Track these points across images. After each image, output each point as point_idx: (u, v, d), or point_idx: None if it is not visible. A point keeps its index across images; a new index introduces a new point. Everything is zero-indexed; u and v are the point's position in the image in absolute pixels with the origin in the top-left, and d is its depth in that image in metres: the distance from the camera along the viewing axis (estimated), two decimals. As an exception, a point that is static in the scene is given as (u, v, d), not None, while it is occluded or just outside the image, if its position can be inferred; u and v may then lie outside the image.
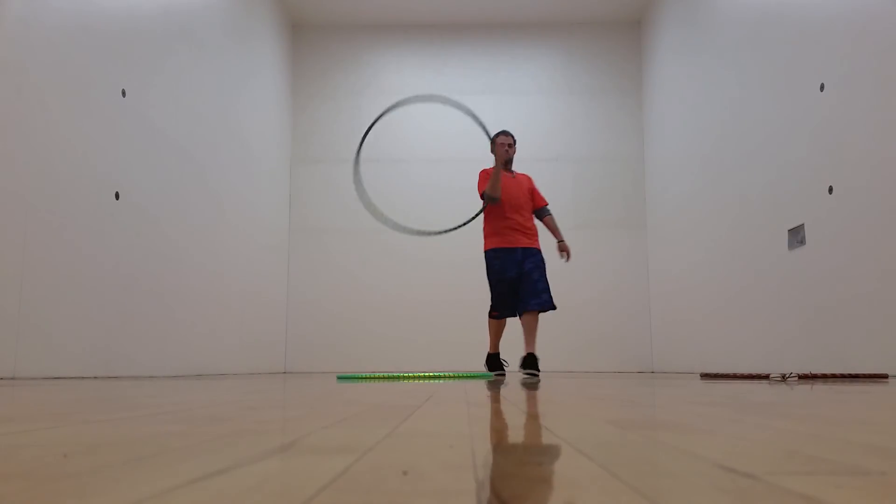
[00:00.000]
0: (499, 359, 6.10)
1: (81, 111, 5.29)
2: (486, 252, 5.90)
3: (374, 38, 11.51)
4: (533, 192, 6.11)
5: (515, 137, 11.44)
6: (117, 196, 5.78)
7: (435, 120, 11.31)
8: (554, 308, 5.63)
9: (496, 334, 6.05)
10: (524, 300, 5.68)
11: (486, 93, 11.37)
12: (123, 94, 5.88)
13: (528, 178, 6.17)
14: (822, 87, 5.94)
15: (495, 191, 5.74)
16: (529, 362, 5.50)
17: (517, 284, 5.77)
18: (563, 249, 5.95)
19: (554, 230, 6.00)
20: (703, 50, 8.71)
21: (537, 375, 5.47)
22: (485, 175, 5.94)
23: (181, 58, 7.06)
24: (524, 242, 5.83)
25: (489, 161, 11.15)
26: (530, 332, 5.61)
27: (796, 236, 6.37)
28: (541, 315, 5.87)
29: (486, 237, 5.93)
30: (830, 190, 5.80)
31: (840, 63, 5.68)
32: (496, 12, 11.23)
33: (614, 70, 11.37)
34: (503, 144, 5.86)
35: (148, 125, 6.32)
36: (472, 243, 10.85)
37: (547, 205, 6.15)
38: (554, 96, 11.33)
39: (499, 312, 5.89)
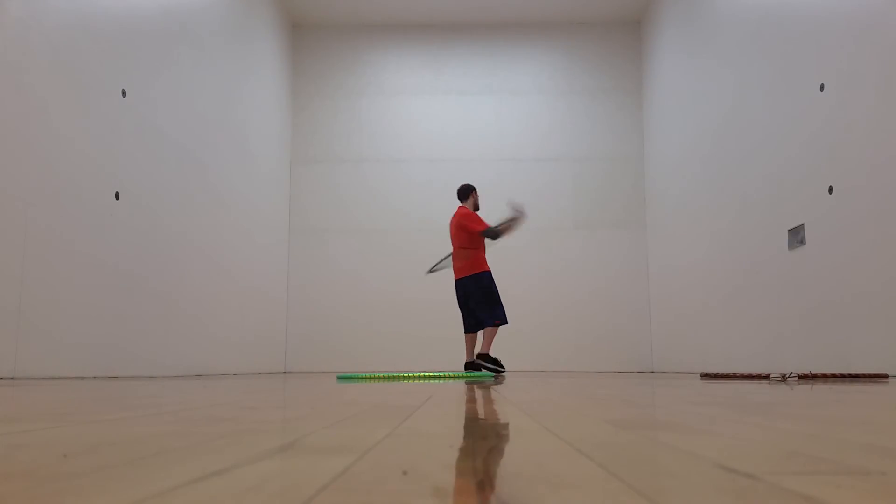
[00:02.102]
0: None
1: (81, 111, 5.29)
2: (486, 272, 6.80)
3: (374, 38, 11.51)
4: None
5: (516, 138, 11.57)
6: (117, 196, 5.78)
7: (435, 120, 11.31)
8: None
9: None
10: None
11: (485, 93, 11.37)
12: (124, 94, 5.88)
13: None
14: (821, 87, 5.94)
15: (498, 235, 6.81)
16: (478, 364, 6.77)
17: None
18: None
19: None
20: (702, 50, 8.72)
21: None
22: (478, 217, 6.88)
23: (181, 57, 7.06)
24: None
25: (488, 161, 11.15)
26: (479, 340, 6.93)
27: (796, 236, 6.37)
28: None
29: (482, 261, 6.83)
30: (830, 190, 5.80)
31: (840, 63, 5.68)
32: (496, 12, 11.24)
33: (614, 70, 11.37)
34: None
35: (148, 125, 6.32)
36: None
37: None
38: (554, 96, 11.33)
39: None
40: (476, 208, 7.09)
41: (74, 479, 0.65)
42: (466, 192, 7.07)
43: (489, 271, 6.82)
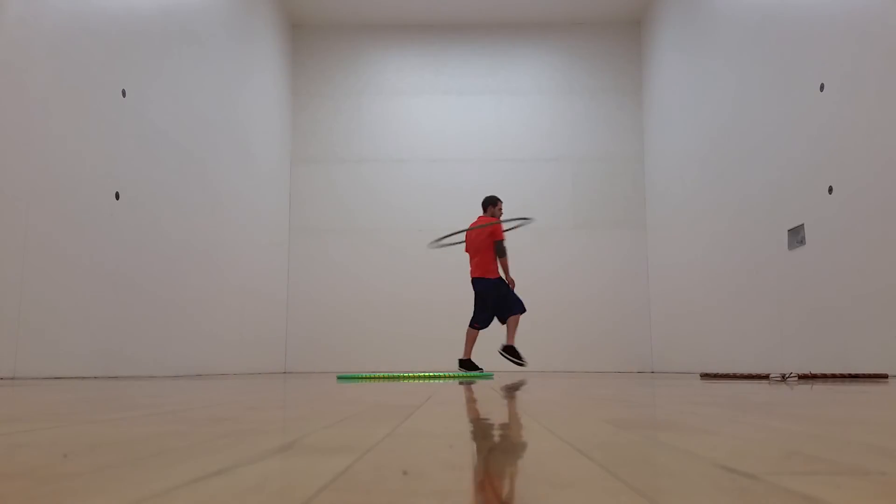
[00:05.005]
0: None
1: (81, 111, 5.29)
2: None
3: (374, 37, 11.51)
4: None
5: (516, 138, 11.59)
6: (117, 196, 5.78)
7: (435, 120, 11.31)
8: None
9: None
10: None
11: (486, 93, 11.37)
12: (123, 94, 5.88)
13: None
14: (822, 87, 5.94)
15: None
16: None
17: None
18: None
19: None
20: (703, 50, 8.72)
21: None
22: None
23: (181, 58, 7.06)
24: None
25: (488, 161, 11.16)
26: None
27: (796, 236, 6.38)
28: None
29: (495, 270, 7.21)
30: (830, 190, 5.81)
31: (840, 63, 5.68)
32: (496, 12, 11.24)
33: (614, 70, 11.37)
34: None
35: (148, 125, 6.32)
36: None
37: None
38: (554, 96, 11.34)
39: None
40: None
41: (74, 479, 0.65)
42: (491, 203, 7.36)
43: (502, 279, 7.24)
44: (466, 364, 7.20)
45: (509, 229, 7.58)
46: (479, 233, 7.16)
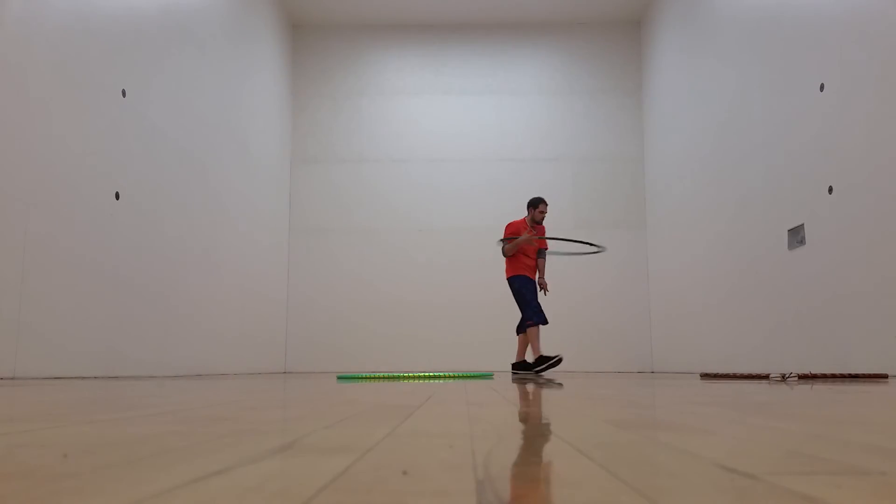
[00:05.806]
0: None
1: (81, 111, 5.29)
2: (514, 277, 6.96)
3: (374, 38, 11.51)
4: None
5: (516, 138, 11.56)
6: (117, 196, 5.78)
7: (435, 120, 11.31)
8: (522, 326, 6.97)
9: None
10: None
11: (486, 93, 11.37)
12: (123, 94, 5.88)
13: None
14: (821, 87, 5.94)
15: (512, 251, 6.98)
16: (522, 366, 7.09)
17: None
18: (542, 286, 7.03)
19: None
20: (703, 50, 8.72)
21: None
22: (513, 229, 6.99)
23: (181, 58, 7.06)
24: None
25: (488, 161, 11.16)
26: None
27: (796, 236, 6.38)
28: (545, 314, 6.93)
29: (512, 268, 7.00)
30: (830, 190, 5.80)
31: (840, 63, 5.68)
32: (496, 12, 11.24)
33: (614, 70, 11.37)
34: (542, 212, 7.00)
35: (148, 125, 6.32)
36: (472, 245, 10.85)
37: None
38: (554, 96, 11.33)
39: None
40: (534, 221, 7.06)
41: (74, 479, 0.65)
42: (528, 204, 7.12)
43: (519, 276, 6.98)
44: (540, 360, 6.81)
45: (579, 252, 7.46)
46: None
